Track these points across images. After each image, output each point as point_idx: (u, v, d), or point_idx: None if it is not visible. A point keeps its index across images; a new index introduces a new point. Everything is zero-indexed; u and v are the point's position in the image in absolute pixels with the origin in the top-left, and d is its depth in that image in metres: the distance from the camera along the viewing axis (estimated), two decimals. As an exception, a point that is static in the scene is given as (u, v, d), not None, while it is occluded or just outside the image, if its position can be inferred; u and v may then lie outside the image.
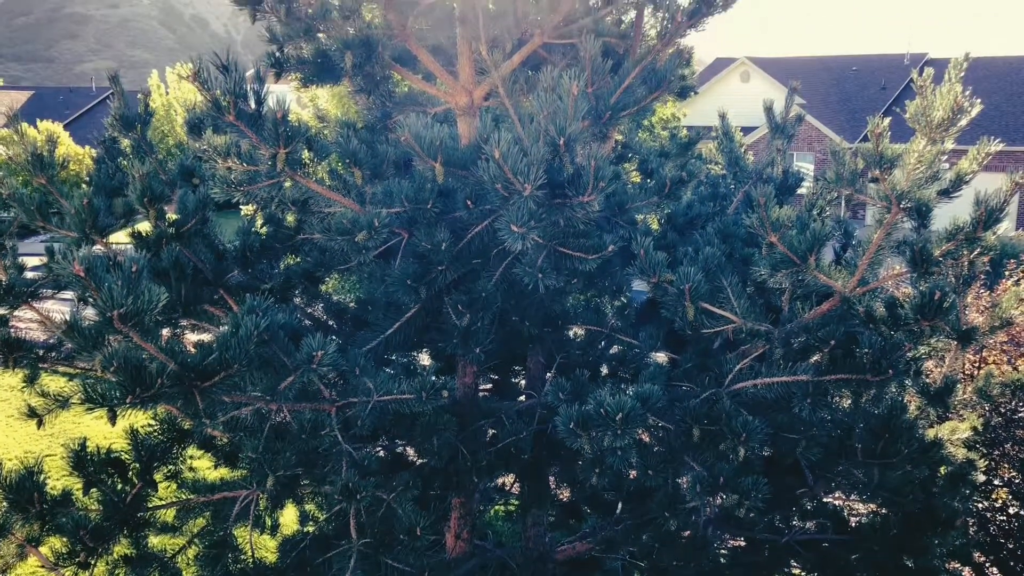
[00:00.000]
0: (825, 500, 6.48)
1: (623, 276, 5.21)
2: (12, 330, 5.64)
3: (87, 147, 35.83)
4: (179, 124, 37.87)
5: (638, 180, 6.93)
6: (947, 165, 3.87)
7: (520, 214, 3.92)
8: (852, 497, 6.28)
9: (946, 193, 3.67)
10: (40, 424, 5.79)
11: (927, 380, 5.73)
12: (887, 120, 3.66)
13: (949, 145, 3.65)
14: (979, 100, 3.53)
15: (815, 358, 4.76)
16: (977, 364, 10.37)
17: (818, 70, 41.55)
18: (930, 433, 5.38)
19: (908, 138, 3.92)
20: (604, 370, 6.15)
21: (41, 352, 5.76)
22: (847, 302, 4.15)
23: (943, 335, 4.13)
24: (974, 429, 5.92)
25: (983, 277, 5.34)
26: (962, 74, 3.68)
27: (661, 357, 5.62)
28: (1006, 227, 3.77)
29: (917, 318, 3.73)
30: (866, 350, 3.99)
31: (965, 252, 3.60)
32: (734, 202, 6.45)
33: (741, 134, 6.65)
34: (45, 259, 5.73)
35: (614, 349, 6.04)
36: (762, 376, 4.36)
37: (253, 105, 3.78)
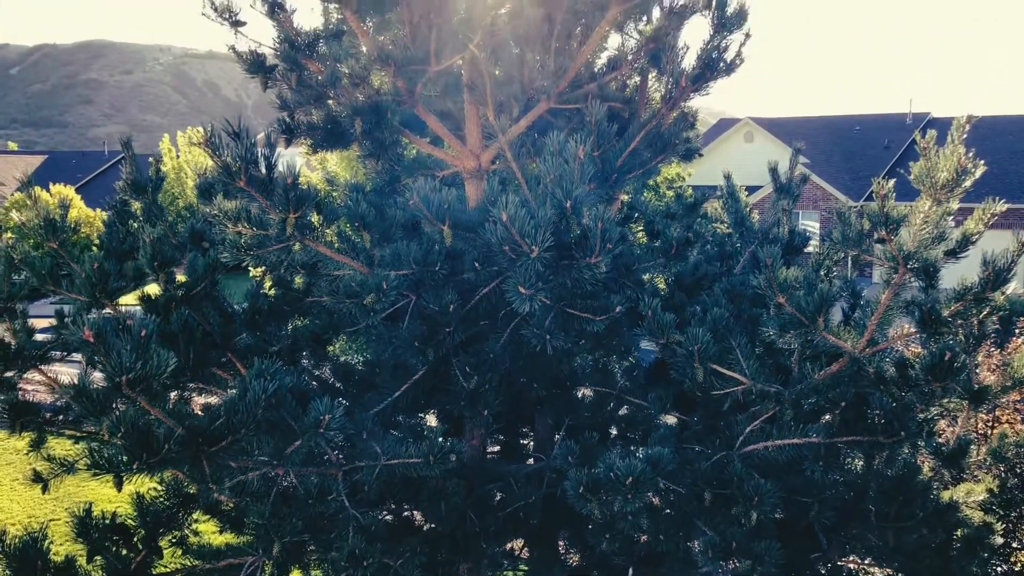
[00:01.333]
0: (840, 564, 6.35)
1: (631, 336, 5.20)
2: (20, 392, 5.63)
3: (98, 210, 36.27)
4: (189, 186, 38.39)
5: (644, 239, 6.96)
6: (953, 223, 3.88)
7: (527, 276, 3.94)
8: (867, 561, 6.15)
9: (953, 254, 3.67)
10: (45, 489, 5.74)
11: (940, 441, 5.66)
12: (892, 182, 3.69)
13: (955, 205, 3.66)
14: (983, 161, 3.55)
15: (826, 418, 4.72)
16: (990, 424, 10.24)
17: (821, 130, 41.99)
18: (945, 495, 5.29)
19: (913, 196, 3.94)
20: (613, 431, 6.09)
21: (48, 415, 5.74)
22: (857, 363, 4.12)
23: (955, 395, 4.10)
24: (990, 491, 5.82)
25: (993, 336, 5.30)
26: (964, 135, 3.71)
27: (671, 419, 5.57)
28: (1015, 287, 3.76)
29: (928, 379, 3.71)
30: (877, 411, 3.95)
31: (974, 312, 3.59)
32: (741, 261, 6.46)
33: (746, 193, 6.69)
34: (54, 321, 5.76)
35: (623, 410, 6.00)
36: (773, 438, 4.32)
37: (264, 171, 3.83)
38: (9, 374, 5.50)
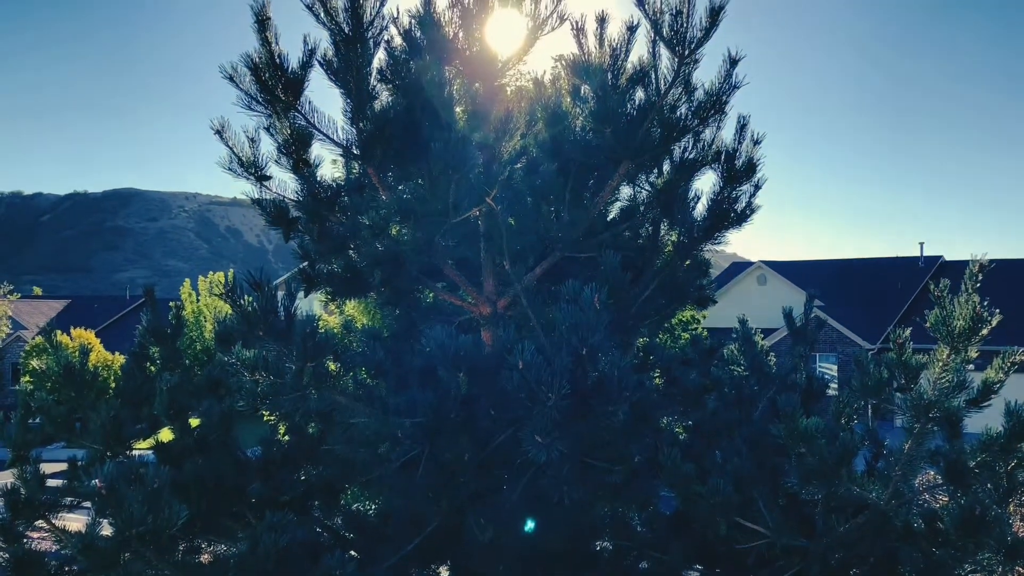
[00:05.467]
0: None
1: (651, 486, 5.08)
2: (25, 540, 5.51)
3: (116, 353, 36.57)
4: (208, 330, 38.80)
5: (660, 381, 6.92)
6: (971, 366, 3.85)
7: (544, 424, 3.90)
8: None
9: (975, 403, 3.62)
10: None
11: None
12: (908, 330, 3.69)
13: (973, 354, 3.65)
14: (998, 311, 3.56)
15: (854, 572, 4.53)
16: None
17: (834, 273, 42.34)
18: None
19: (931, 339, 3.93)
20: (634, 587, 5.86)
21: (54, 566, 5.60)
22: (883, 515, 4.00)
23: (989, 550, 3.94)
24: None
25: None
26: (978, 284, 3.74)
27: (694, 574, 5.36)
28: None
29: (959, 534, 3.58)
30: (908, 568, 3.80)
31: (1002, 464, 3.51)
32: (760, 407, 6.38)
33: (761, 336, 6.69)
34: (66, 466, 5.71)
35: (644, 563, 5.79)
36: (801, 595, 4.14)
37: (283, 320, 3.88)
38: (17, 524, 5.40)
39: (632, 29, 5.07)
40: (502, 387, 4.17)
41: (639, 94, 5.14)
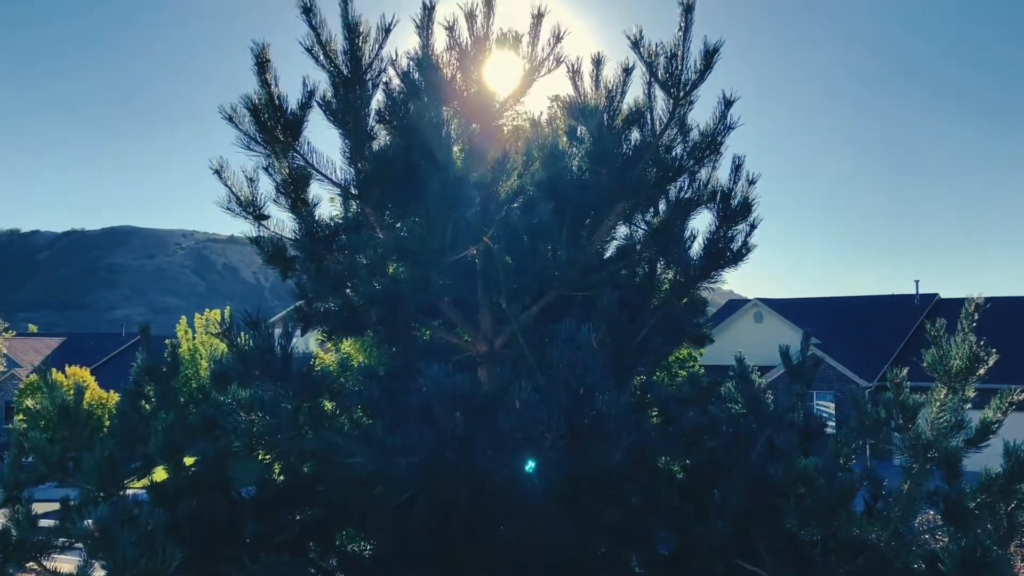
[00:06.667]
0: None
1: (649, 526, 5.04)
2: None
3: (111, 391, 36.38)
4: (204, 368, 38.62)
5: (657, 420, 6.88)
6: (969, 404, 3.84)
7: (541, 464, 3.88)
8: None
9: (973, 443, 3.61)
10: None
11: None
12: (905, 370, 3.69)
13: (971, 393, 3.65)
14: (995, 350, 3.57)
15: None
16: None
17: (829, 310, 42.37)
18: None
19: (928, 377, 3.92)
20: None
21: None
22: (883, 557, 3.97)
23: (991, 592, 3.90)
24: None
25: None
26: (974, 323, 3.75)
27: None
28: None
29: (959, 575, 3.55)
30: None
31: (1002, 505, 3.49)
32: (758, 447, 6.35)
33: (758, 374, 6.68)
34: (58, 506, 5.65)
35: (642, 605, 5.72)
36: (802, 638, 4.09)
37: (280, 360, 3.87)
38: (8, 566, 5.34)
39: (628, 71, 5.14)
40: (499, 426, 4.16)
41: (635, 134, 5.20)
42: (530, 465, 4.20)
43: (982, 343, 3.68)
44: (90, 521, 3.02)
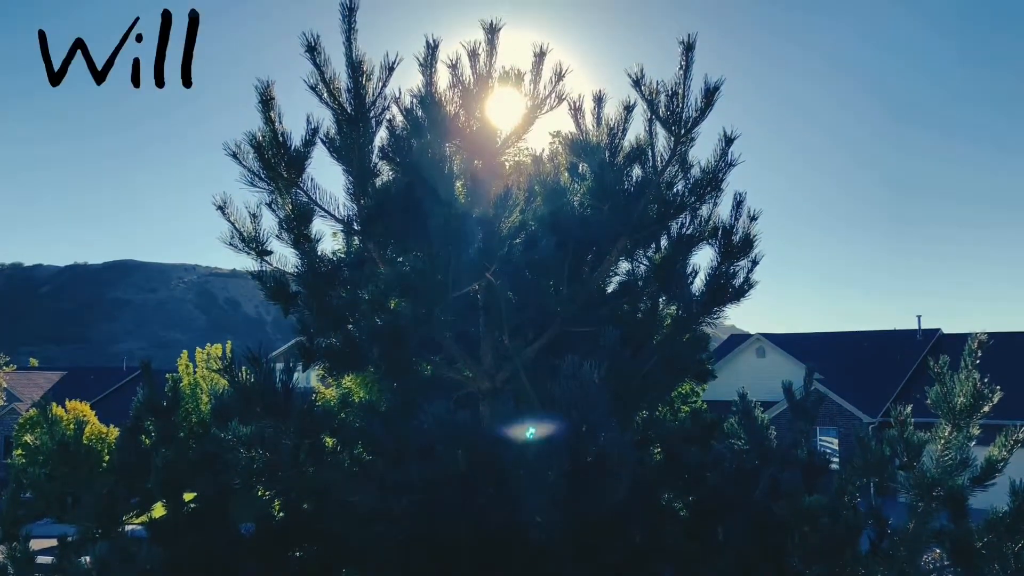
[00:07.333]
0: None
1: (653, 565, 4.98)
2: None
3: (111, 426, 36.21)
4: (204, 403, 38.46)
5: (660, 457, 6.83)
6: (974, 441, 3.82)
7: (543, 502, 3.85)
8: None
9: (979, 481, 3.59)
10: None
11: None
12: (909, 407, 3.67)
13: (975, 431, 3.63)
14: (999, 387, 3.56)
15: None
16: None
17: (832, 345, 42.26)
18: None
19: (932, 413, 3.90)
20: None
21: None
22: (891, 597, 3.92)
23: (1000, 633, 3.84)
24: None
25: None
26: (978, 360, 3.74)
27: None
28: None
29: (969, 616, 3.51)
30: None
31: (1009, 544, 3.45)
32: (761, 484, 6.30)
33: (761, 409, 6.65)
34: (55, 542, 5.60)
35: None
36: None
37: (281, 396, 3.86)
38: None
39: (629, 109, 5.18)
40: (501, 464, 4.13)
41: (636, 171, 5.22)
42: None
43: (986, 380, 3.66)
44: (88, 559, 2.99)
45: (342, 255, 5.54)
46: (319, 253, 5.23)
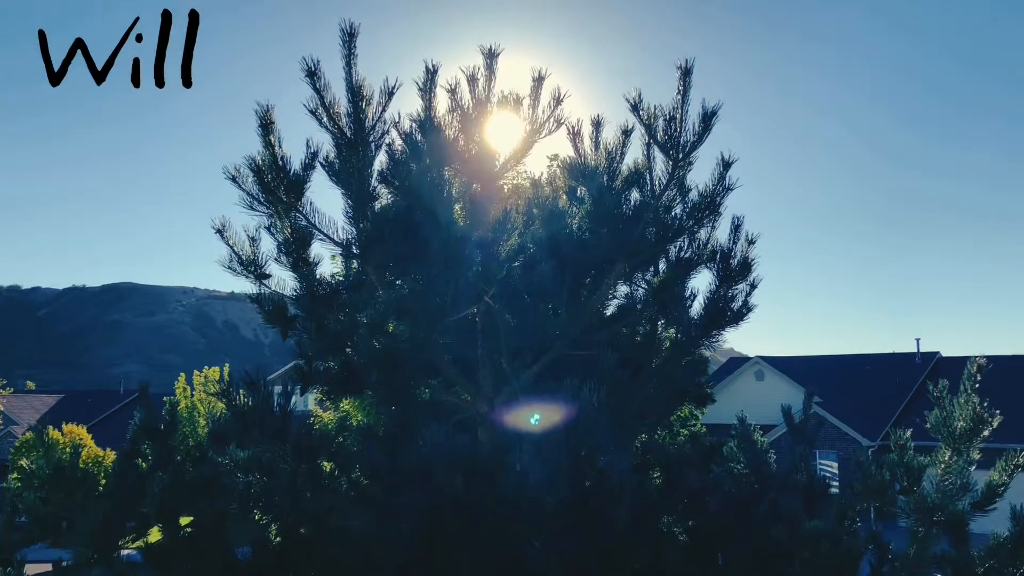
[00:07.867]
0: None
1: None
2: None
3: (108, 449, 36.02)
4: (202, 426, 38.30)
5: (660, 481, 6.79)
6: (974, 465, 3.80)
7: (544, 528, 3.83)
8: None
9: (980, 506, 3.57)
10: None
11: None
12: (908, 431, 3.67)
13: (975, 455, 3.62)
14: (998, 411, 3.55)
15: None
16: None
17: (831, 369, 42.22)
18: None
19: (931, 436, 3.89)
20: None
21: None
22: (893, 623, 3.89)
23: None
24: None
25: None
26: (977, 384, 3.73)
27: None
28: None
29: (972, 643, 3.48)
30: None
31: (1010, 569, 3.43)
32: (761, 508, 6.26)
33: (760, 432, 6.62)
34: (50, 567, 5.55)
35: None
36: None
37: (278, 420, 3.85)
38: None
39: (627, 133, 5.21)
40: (500, 488, 4.11)
41: (634, 195, 5.24)
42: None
43: (985, 404, 3.66)
44: (83, 585, 2.96)
45: (341, 278, 5.54)
46: (318, 276, 5.23)
